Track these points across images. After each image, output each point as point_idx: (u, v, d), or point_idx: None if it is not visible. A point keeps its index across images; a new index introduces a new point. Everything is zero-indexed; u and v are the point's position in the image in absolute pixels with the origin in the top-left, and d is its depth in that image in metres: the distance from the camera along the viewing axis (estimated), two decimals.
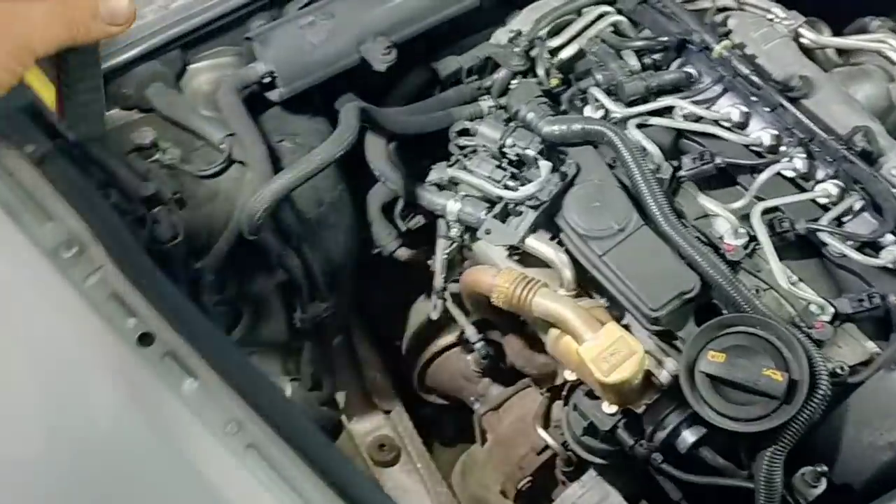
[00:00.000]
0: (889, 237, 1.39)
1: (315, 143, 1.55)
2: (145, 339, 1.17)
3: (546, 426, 1.70)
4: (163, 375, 1.14)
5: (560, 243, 1.45)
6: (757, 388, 1.23)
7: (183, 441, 1.08)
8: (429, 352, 1.87)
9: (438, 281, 1.64)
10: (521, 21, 1.73)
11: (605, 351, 1.30)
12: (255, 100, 1.56)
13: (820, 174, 1.48)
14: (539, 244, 1.45)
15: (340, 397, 1.90)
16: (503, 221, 1.47)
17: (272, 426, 1.11)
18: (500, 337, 1.73)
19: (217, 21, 1.55)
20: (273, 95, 1.56)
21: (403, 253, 1.71)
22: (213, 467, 1.07)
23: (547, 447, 1.69)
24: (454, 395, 1.92)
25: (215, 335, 1.16)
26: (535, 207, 1.46)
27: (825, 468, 1.25)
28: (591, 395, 1.48)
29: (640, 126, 1.54)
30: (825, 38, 1.68)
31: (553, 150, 1.52)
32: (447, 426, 2.13)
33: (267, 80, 1.54)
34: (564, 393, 1.61)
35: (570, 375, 1.46)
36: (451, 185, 1.55)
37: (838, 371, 1.32)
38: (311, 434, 1.12)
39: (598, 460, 1.58)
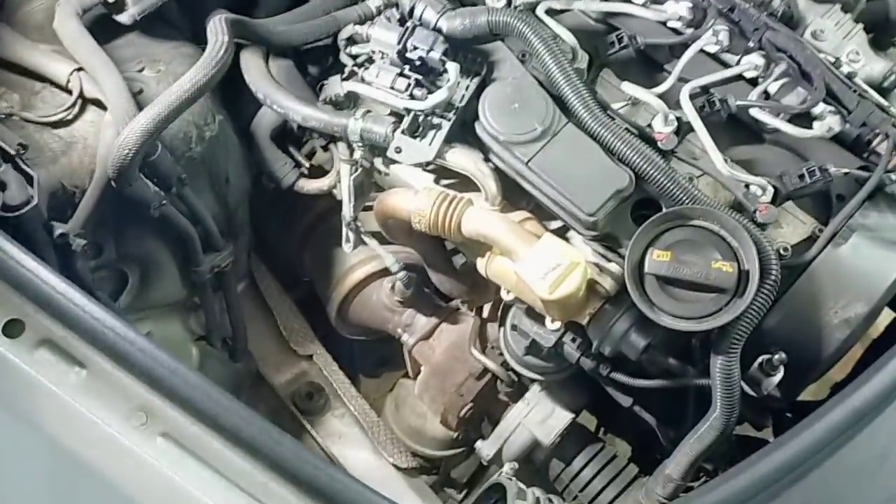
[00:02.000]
0: (821, 106, 1.31)
1: (182, 67, 1.32)
2: (13, 328, 0.98)
3: (482, 349, 1.60)
4: (40, 368, 0.96)
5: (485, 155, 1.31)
6: (708, 284, 1.15)
7: (78, 445, 0.91)
8: (345, 287, 1.72)
9: (348, 211, 1.47)
10: None
11: (545, 266, 1.19)
12: (100, 24, 1.31)
13: (743, 46, 1.38)
14: (457, 157, 1.30)
15: (255, 348, 1.74)
16: (413, 136, 1.31)
17: (185, 408, 0.95)
18: (422, 262, 1.59)
19: None
20: (123, 18, 1.31)
21: (304, 184, 1.53)
22: (123, 470, 0.90)
23: (486, 371, 1.60)
24: (378, 328, 1.79)
25: (99, 312, 0.97)
26: (447, 117, 1.30)
27: (783, 355, 1.20)
28: (530, 312, 1.38)
29: (548, 12, 1.39)
30: None
31: (458, 48, 1.36)
32: (369, 357, 2.01)
33: None
34: (500, 313, 1.50)
35: (507, 296, 1.34)
36: (348, 101, 1.37)
37: (781, 252, 1.26)
38: (232, 408, 0.96)
39: (541, 377, 1.49)
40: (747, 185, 1.28)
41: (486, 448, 1.56)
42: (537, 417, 1.53)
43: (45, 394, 0.95)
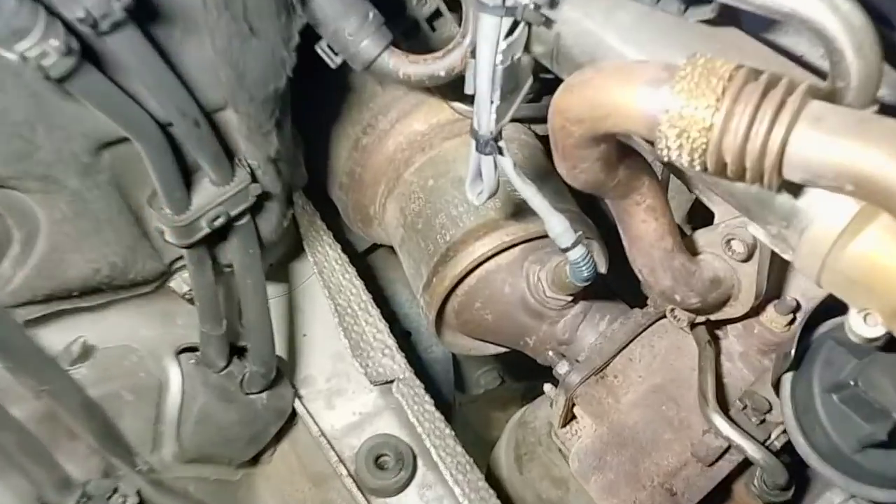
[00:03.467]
0: None
1: None
2: None
3: (724, 406, 0.82)
4: None
5: None
6: None
7: None
8: (457, 266, 0.95)
9: (485, 118, 0.70)
10: None
11: None
12: None
13: None
14: None
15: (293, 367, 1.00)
16: None
17: None
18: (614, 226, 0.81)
19: None
20: None
21: (400, 64, 0.77)
22: None
23: (727, 451, 0.82)
24: (506, 342, 1.03)
25: None
26: None
27: None
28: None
29: None
30: None
31: None
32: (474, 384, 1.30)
33: None
34: (789, 346, 0.72)
35: (871, 327, 0.55)
36: None
37: None
38: None
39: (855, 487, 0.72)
40: None
41: None
42: None
43: None
